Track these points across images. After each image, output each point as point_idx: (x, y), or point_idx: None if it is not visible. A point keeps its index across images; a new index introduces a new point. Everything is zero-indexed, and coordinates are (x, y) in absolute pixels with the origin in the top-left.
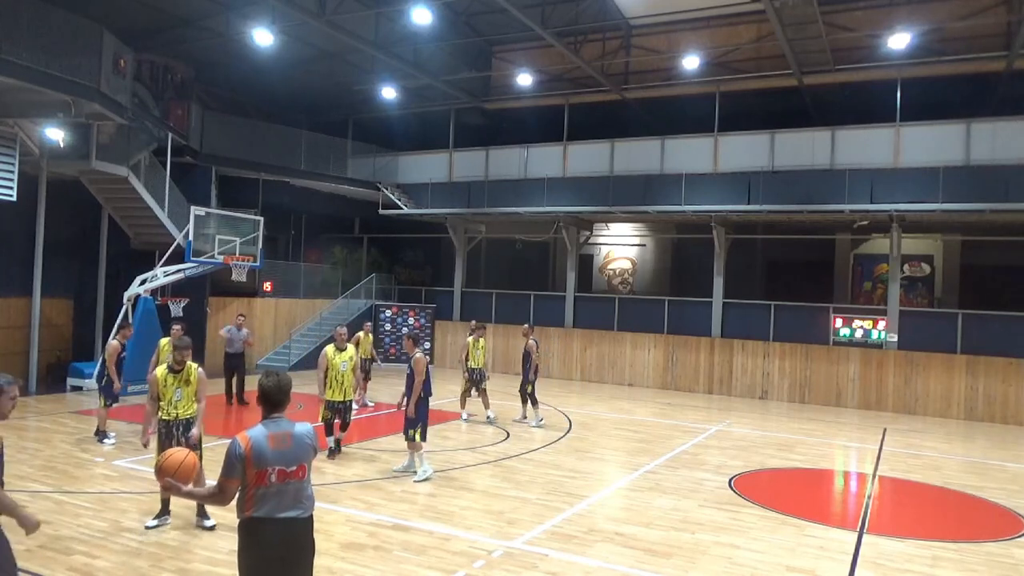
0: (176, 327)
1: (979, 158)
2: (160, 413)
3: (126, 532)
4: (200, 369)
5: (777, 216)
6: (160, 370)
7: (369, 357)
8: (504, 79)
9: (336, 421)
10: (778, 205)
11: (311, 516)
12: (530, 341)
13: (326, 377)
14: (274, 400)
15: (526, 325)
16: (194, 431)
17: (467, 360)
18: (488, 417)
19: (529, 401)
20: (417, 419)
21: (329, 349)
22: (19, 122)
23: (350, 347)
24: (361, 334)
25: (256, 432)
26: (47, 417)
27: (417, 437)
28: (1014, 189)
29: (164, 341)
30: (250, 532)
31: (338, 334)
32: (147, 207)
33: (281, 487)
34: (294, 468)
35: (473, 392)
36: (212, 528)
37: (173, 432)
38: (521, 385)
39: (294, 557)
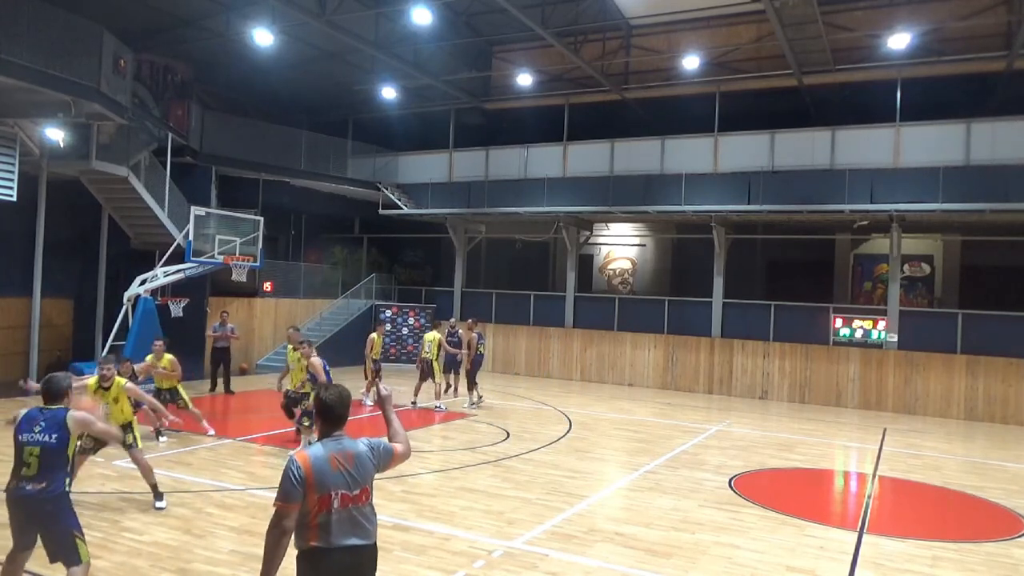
0: (158, 343)
1: (979, 158)
2: None
3: (126, 532)
4: (127, 383)
5: (777, 216)
6: (92, 380)
7: (378, 357)
8: (504, 79)
9: (296, 409)
10: (778, 205)
11: (375, 544)
12: (472, 334)
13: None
14: (337, 415)
15: (471, 320)
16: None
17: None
18: (413, 401)
19: (468, 386)
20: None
21: (289, 348)
22: (19, 122)
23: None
24: (375, 335)
25: (316, 452)
26: None
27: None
28: (1014, 189)
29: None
30: (310, 563)
31: (290, 335)
32: (147, 207)
33: (344, 513)
34: (357, 492)
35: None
36: (162, 509)
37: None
38: (469, 374)
39: None
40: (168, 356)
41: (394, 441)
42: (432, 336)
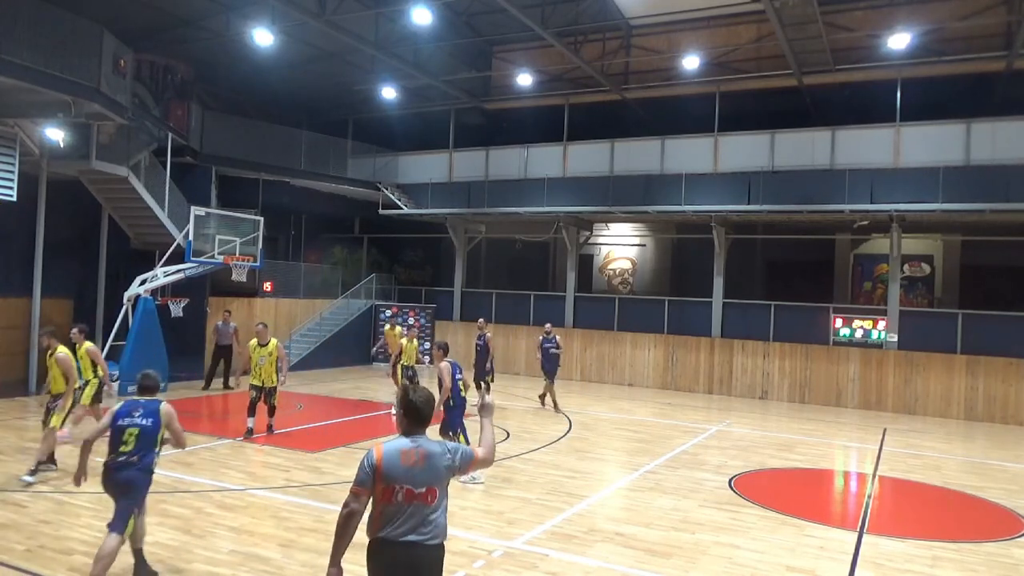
0: (74, 330)
1: (979, 158)
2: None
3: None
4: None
5: (777, 216)
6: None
7: (409, 363)
8: (504, 79)
9: (261, 403)
10: (778, 205)
11: (440, 544)
12: (488, 335)
13: (249, 364)
14: (424, 415)
15: (481, 319)
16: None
17: (402, 358)
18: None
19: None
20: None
21: (252, 343)
22: (19, 122)
23: (271, 343)
24: (404, 340)
25: (391, 445)
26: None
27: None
28: (1014, 189)
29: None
30: (374, 553)
31: (258, 332)
32: (147, 207)
33: (407, 508)
34: (422, 490)
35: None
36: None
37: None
38: (485, 375)
39: None
40: (88, 344)
41: (479, 446)
42: (405, 341)
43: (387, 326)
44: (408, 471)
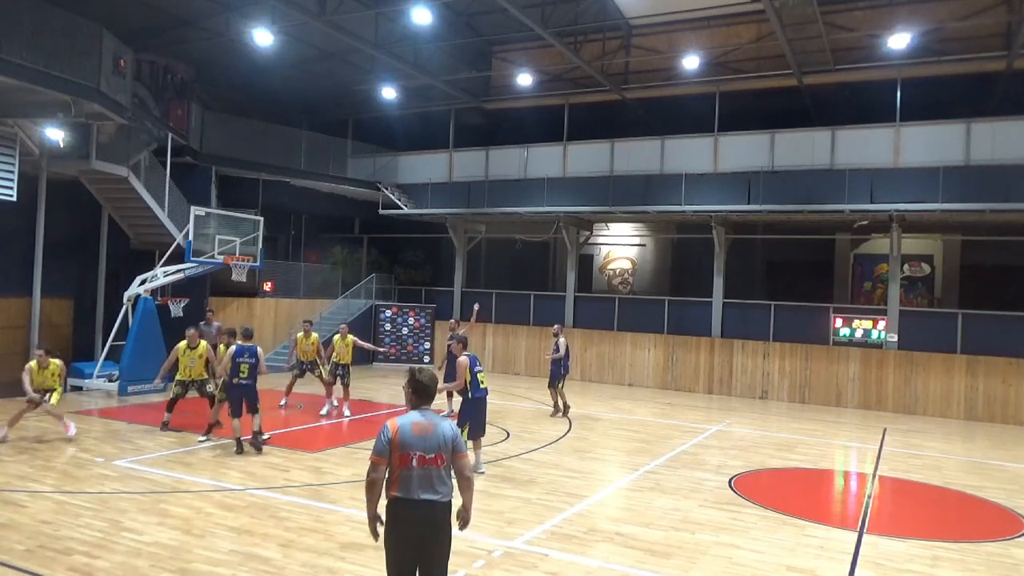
0: (39, 351)
1: (979, 158)
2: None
3: (126, 532)
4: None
5: (777, 216)
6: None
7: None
8: (504, 79)
9: (183, 397)
10: (778, 205)
11: (448, 502)
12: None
13: (176, 364)
14: (430, 392)
15: (453, 320)
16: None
17: (332, 357)
18: (325, 412)
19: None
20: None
21: (181, 345)
22: (19, 122)
23: (201, 345)
24: (300, 335)
25: (404, 419)
26: (47, 417)
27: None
28: (1014, 189)
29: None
30: (393, 511)
31: (189, 336)
32: (147, 207)
33: (421, 471)
34: (432, 456)
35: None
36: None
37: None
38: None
39: (431, 537)
40: (55, 361)
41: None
42: (338, 339)
43: (300, 333)
44: (421, 440)
